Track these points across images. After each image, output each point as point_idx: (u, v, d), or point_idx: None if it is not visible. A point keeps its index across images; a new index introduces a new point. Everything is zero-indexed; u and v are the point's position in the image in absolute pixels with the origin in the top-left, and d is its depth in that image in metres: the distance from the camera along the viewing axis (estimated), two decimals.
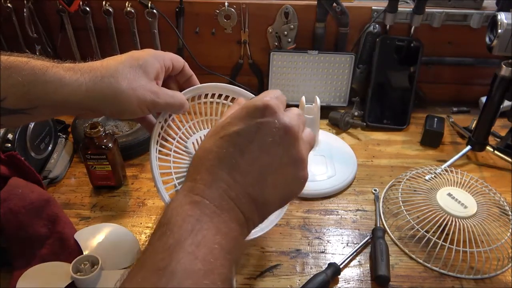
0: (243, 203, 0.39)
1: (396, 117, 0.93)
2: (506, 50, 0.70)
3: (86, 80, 0.46)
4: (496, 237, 0.63)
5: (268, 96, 0.42)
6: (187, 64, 0.56)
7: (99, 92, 0.46)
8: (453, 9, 0.89)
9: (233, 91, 0.61)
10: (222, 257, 0.35)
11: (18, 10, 0.92)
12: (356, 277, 0.62)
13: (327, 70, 0.93)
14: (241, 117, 0.41)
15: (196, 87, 0.58)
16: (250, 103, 0.41)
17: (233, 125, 0.40)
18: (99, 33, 0.95)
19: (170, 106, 0.52)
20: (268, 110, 0.40)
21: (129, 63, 0.48)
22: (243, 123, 0.40)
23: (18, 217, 0.59)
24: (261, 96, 0.42)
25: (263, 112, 0.40)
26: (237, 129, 0.40)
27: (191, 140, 0.59)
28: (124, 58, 0.49)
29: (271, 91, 0.43)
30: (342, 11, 0.90)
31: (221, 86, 0.61)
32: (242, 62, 0.98)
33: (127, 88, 0.47)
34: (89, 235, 0.64)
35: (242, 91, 0.61)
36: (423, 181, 0.73)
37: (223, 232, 0.37)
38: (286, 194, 0.42)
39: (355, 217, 0.71)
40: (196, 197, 0.37)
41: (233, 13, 0.91)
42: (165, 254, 0.34)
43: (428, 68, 0.96)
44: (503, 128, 0.91)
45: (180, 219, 0.36)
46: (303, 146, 0.42)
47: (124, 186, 0.77)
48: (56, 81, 0.45)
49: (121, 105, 0.48)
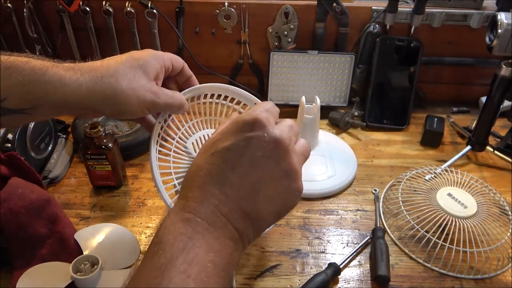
0: (236, 219, 0.38)
1: (396, 117, 0.93)
2: (506, 50, 0.70)
3: (86, 80, 0.46)
4: (496, 237, 0.63)
5: (258, 110, 0.41)
6: (186, 65, 0.56)
7: (99, 92, 0.46)
8: (453, 9, 0.89)
9: (232, 92, 0.61)
10: (216, 274, 0.35)
11: (18, 10, 0.92)
12: (356, 277, 0.62)
13: (327, 70, 0.93)
14: (231, 132, 0.40)
15: (195, 87, 0.58)
16: (240, 118, 0.41)
17: (223, 140, 0.40)
18: (99, 33, 0.95)
19: (170, 106, 0.52)
20: (258, 124, 0.40)
21: (129, 63, 0.48)
22: (233, 138, 0.40)
23: (18, 217, 0.59)
24: (251, 110, 0.42)
25: (252, 126, 0.40)
26: (227, 145, 0.40)
27: (190, 140, 0.59)
28: (124, 58, 0.49)
29: (262, 104, 0.43)
30: (342, 11, 0.90)
31: (220, 86, 0.61)
32: (242, 62, 0.98)
33: (127, 88, 0.47)
34: (89, 235, 0.64)
35: (242, 92, 0.61)
36: (423, 181, 0.73)
37: (216, 249, 0.36)
38: (280, 207, 0.42)
39: (355, 217, 0.71)
40: (187, 215, 0.37)
41: (233, 13, 0.91)
42: (157, 273, 0.33)
43: (428, 68, 0.96)
44: (503, 128, 0.91)
45: (172, 238, 0.36)
46: (296, 158, 0.42)
47: (124, 186, 0.77)
48: (56, 81, 0.45)
49: (121, 105, 0.47)
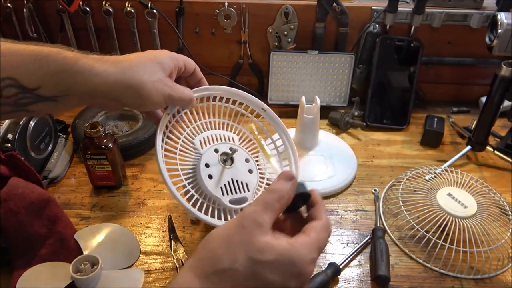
0: None
1: (396, 117, 0.93)
2: (506, 50, 0.70)
3: (114, 71, 0.48)
4: (496, 237, 0.63)
5: (311, 254, 0.39)
6: (198, 68, 0.59)
7: (126, 83, 0.48)
8: (453, 9, 0.89)
9: (241, 96, 0.63)
10: None
11: (18, 10, 0.92)
12: (356, 277, 0.62)
13: (327, 70, 0.93)
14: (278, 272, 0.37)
15: (204, 87, 0.60)
16: (291, 260, 0.38)
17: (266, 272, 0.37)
18: (99, 33, 0.95)
19: (181, 100, 0.55)
20: (302, 278, 0.38)
21: (149, 59, 0.51)
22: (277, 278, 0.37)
23: (18, 217, 0.59)
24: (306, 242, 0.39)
25: (298, 277, 0.38)
26: None
27: (198, 138, 0.61)
28: (145, 54, 0.53)
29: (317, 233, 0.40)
30: (342, 11, 0.90)
31: (229, 90, 0.62)
32: (242, 62, 0.98)
33: (149, 81, 0.50)
34: (89, 235, 0.64)
35: (250, 97, 0.64)
36: (423, 181, 0.73)
37: None
38: None
39: (355, 217, 0.71)
40: None
41: (233, 13, 0.91)
42: None
43: (428, 68, 0.96)
44: (503, 128, 0.91)
45: None
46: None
47: (124, 186, 0.77)
48: (87, 71, 0.46)
49: (144, 95, 0.50)
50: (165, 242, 0.66)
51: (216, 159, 0.59)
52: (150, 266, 0.63)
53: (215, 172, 0.58)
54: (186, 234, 0.68)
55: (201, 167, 0.57)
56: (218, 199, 0.56)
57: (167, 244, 0.66)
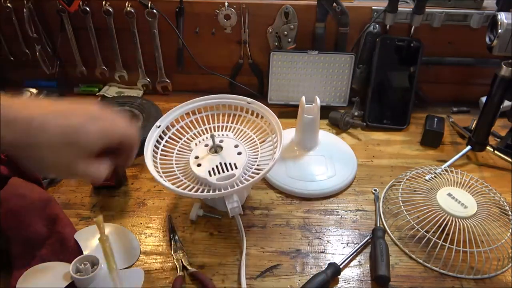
0: None
1: (396, 117, 0.93)
2: (506, 50, 0.70)
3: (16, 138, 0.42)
4: (496, 237, 0.63)
5: None
6: (136, 149, 0.51)
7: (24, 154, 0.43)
8: (453, 9, 0.89)
9: (224, 98, 0.74)
10: None
11: (18, 10, 0.92)
12: (356, 277, 0.62)
13: (327, 70, 0.93)
14: None
15: (189, 101, 0.74)
16: None
17: None
18: (99, 33, 0.95)
19: (89, 177, 0.47)
20: None
21: (67, 143, 0.43)
22: None
23: (18, 217, 0.59)
24: None
25: None
26: None
27: (194, 142, 0.73)
28: (68, 131, 0.43)
29: None
30: (342, 11, 0.90)
31: (211, 97, 0.75)
32: (242, 62, 0.98)
33: (51, 165, 0.44)
34: (89, 235, 0.64)
35: (233, 96, 0.74)
36: (423, 181, 0.73)
37: None
38: None
39: (355, 217, 0.71)
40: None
41: (233, 13, 0.91)
42: None
43: (428, 68, 0.96)
44: (503, 128, 0.91)
45: None
46: None
47: (124, 186, 0.77)
48: None
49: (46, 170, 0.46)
50: (165, 242, 0.67)
51: (206, 151, 0.69)
52: (150, 266, 0.63)
53: (204, 160, 0.68)
54: (186, 234, 0.68)
55: (191, 161, 0.68)
56: (205, 180, 0.64)
57: (167, 244, 0.66)
